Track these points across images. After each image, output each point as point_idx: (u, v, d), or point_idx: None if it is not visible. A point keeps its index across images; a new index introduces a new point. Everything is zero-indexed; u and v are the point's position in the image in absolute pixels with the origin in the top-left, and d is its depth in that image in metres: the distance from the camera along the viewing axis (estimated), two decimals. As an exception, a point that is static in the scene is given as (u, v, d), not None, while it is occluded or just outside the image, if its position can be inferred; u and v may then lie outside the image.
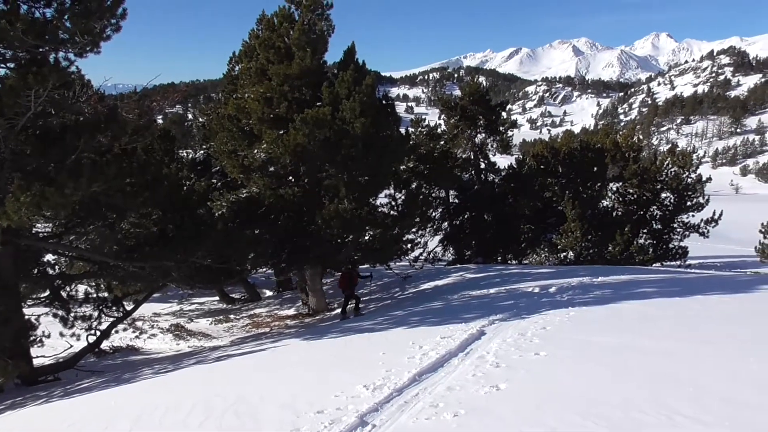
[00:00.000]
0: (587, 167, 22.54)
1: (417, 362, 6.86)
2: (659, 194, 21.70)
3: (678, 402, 4.68)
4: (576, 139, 26.15)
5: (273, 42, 13.32)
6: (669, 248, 21.49)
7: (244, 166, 13.70)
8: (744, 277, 15.08)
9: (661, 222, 21.86)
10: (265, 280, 22.78)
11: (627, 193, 22.21)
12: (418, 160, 21.27)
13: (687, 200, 21.43)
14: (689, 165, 21.54)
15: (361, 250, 15.27)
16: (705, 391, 4.94)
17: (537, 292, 12.04)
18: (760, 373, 5.38)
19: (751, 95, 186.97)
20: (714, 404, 4.60)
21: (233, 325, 16.54)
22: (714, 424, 4.21)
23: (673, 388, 5.08)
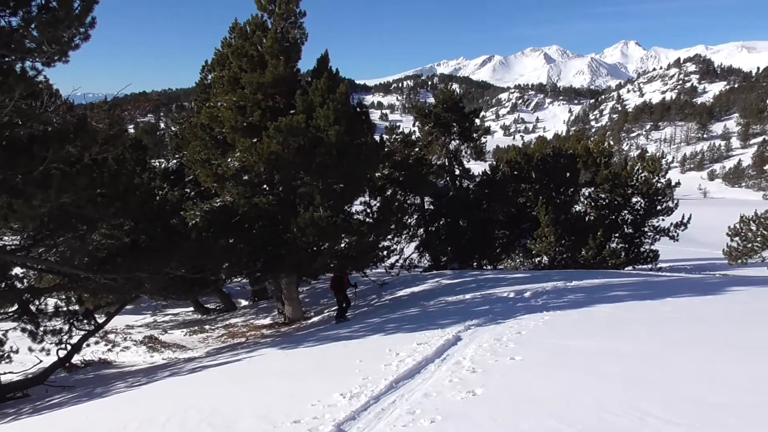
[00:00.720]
0: (560, 173, 22.86)
1: (394, 369, 6.86)
2: (630, 199, 22.10)
3: (650, 404, 4.76)
4: (548, 145, 26.51)
5: (246, 50, 13.26)
6: (640, 252, 21.88)
7: (217, 174, 13.59)
8: (713, 279, 15.41)
9: (632, 226, 22.26)
10: (240, 289, 22.58)
11: (599, 198, 22.56)
12: (393, 167, 21.34)
13: (657, 204, 21.86)
14: (659, 170, 21.99)
15: (336, 257, 15.21)
16: (676, 392, 5.03)
17: (512, 297, 12.14)
18: (729, 374, 5.49)
19: (717, 102, 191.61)
20: (685, 406, 4.68)
21: (208, 335, 16.34)
22: (685, 425, 4.28)
23: (645, 391, 5.16)
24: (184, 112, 28.42)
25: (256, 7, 13.54)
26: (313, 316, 16.01)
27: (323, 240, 13.87)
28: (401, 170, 21.58)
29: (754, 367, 5.64)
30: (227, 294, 20.78)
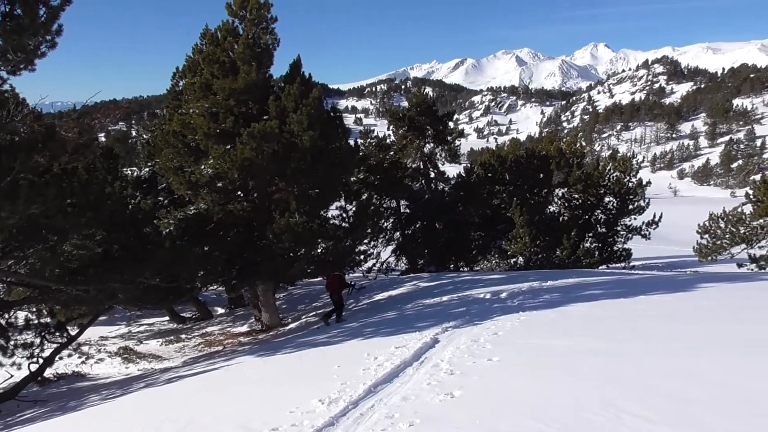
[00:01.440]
0: (533, 174, 23.10)
1: (372, 373, 6.86)
2: (603, 198, 22.43)
3: (626, 401, 4.83)
4: (522, 146, 26.79)
5: (217, 56, 13.17)
6: (614, 251, 22.20)
7: (191, 182, 13.45)
8: (684, 276, 15.70)
9: (605, 225, 22.58)
10: (216, 297, 22.35)
11: (572, 198, 22.85)
12: (368, 171, 21.37)
13: (629, 204, 22.22)
14: (630, 170, 22.37)
15: (313, 263, 15.16)
16: (651, 389, 5.11)
17: (488, 298, 12.23)
18: (703, 370, 5.60)
19: (684, 102, 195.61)
20: (659, 402, 4.77)
21: (185, 345, 16.14)
22: (660, 421, 4.36)
23: (621, 388, 5.24)
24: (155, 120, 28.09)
25: (227, 13, 13.46)
26: (291, 323, 15.92)
27: (299, 246, 13.81)
28: (376, 174, 21.62)
29: (726, 363, 5.76)
30: (203, 302, 20.55)
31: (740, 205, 18.61)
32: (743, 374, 5.34)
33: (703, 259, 19.03)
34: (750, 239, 17.88)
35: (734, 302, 9.85)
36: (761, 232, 17.64)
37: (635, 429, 4.29)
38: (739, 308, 9.14)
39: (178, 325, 19.58)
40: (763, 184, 17.36)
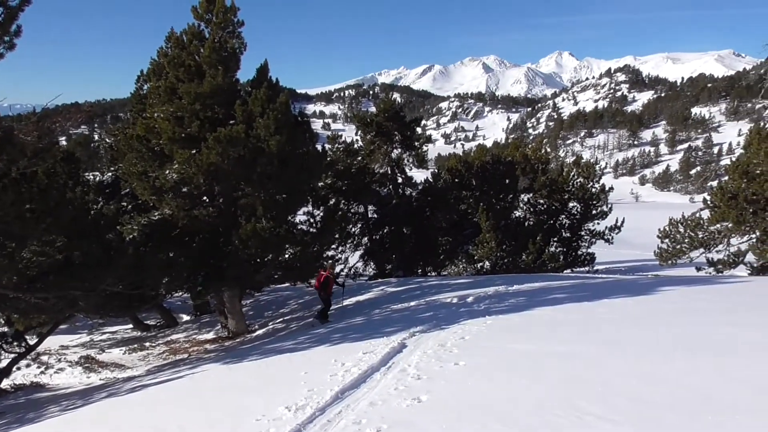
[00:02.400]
0: (499, 179, 23.37)
1: (339, 379, 6.85)
2: (567, 204, 22.82)
3: (588, 403, 4.93)
4: (488, 152, 27.05)
5: (183, 60, 13.01)
6: (578, 255, 22.59)
7: (155, 187, 13.22)
8: (645, 280, 16.07)
9: (569, 230, 22.97)
10: (181, 304, 22.00)
11: (537, 203, 23.19)
12: (336, 177, 21.34)
13: (592, 209, 22.66)
14: (593, 175, 22.82)
15: (281, 268, 15.05)
16: (613, 390, 5.22)
17: (455, 303, 12.32)
18: (662, 371, 5.74)
19: (645, 110, 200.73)
20: (621, 403, 4.87)
21: (149, 353, 15.84)
22: (622, 422, 4.46)
23: (583, 390, 5.34)
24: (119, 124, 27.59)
25: (193, 16, 13.31)
26: (258, 329, 15.77)
27: (266, 251, 13.70)
28: (344, 179, 21.60)
29: (684, 364, 5.92)
30: (168, 309, 20.21)
31: (698, 210, 19.08)
32: (702, 375, 5.49)
33: (664, 263, 19.47)
34: (708, 243, 18.37)
35: (693, 305, 10.11)
36: (718, 237, 18.15)
37: (598, 430, 4.38)
38: (697, 311, 9.40)
39: (142, 333, 19.20)
40: (720, 190, 17.85)
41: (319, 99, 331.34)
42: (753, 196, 16.70)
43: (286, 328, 14.63)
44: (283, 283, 17.74)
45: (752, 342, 6.60)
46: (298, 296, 19.55)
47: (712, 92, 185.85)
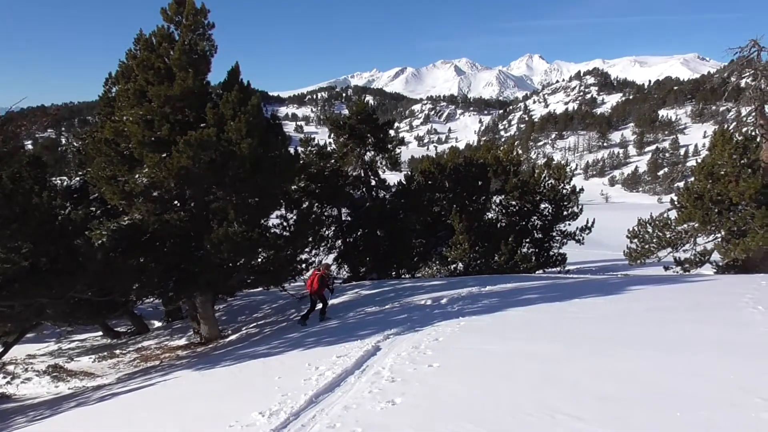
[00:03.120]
0: (472, 181, 23.52)
1: (313, 384, 6.83)
2: (539, 205, 23.07)
3: (559, 402, 5.00)
4: (460, 155, 27.22)
5: (152, 62, 12.83)
6: (549, 256, 22.85)
7: (125, 191, 13.01)
8: (615, 279, 16.35)
9: (541, 231, 23.22)
10: (152, 310, 21.64)
11: (509, 204, 23.40)
12: (309, 179, 21.25)
13: (563, 210, 22.95)
14: (564, 177, 23.12)
15: (253, 272, 14.94)
16: (583, 389, 5.31)
17: (429, 305, 12.37)
18: (631, 369, 5.86)
19: (614, 112, 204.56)
20: (591, 401, 4.96)
21: (119, 360, 15.56)
22: (591, 420, 4.54)
23: (555, 389, 5.41)
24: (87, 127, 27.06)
25: (162, 18, 13.15)
26: (231, 335, 15.62)
27: (238, 255, 13.58)
28: (317, 182, 21.51)
29: (651, 362, 6.04)
30: (139, 316, 19.88)
31: (666, 210, 19.48)
32: (668, 372, 5.61)
33: (633, 263, 19.82)
34: (675, 243, 18.76)
35: (661, 304, 10.32)
36: (685, 237, 18.55)
37: (569, 428, 4.44)
38: (665, 310, 9.59)
39: (112, 341, 18.84)
40: (686, 191, 18.26)
41: (291, 101, 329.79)
42: (718, 197, 17.12)
43: (259, 333, 14.52)
44: (256, 288, 17.61)
45: (716, 339, 6.77)
46: (271, 300, 19.41)
47: (678, 95, 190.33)
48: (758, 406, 4.45)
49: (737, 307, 8.63)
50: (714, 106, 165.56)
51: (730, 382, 5.10)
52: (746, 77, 18.17)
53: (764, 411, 4.35)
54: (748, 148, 17.28)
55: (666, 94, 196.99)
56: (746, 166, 16.90)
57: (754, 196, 16.28)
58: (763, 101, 17.68)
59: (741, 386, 4.93)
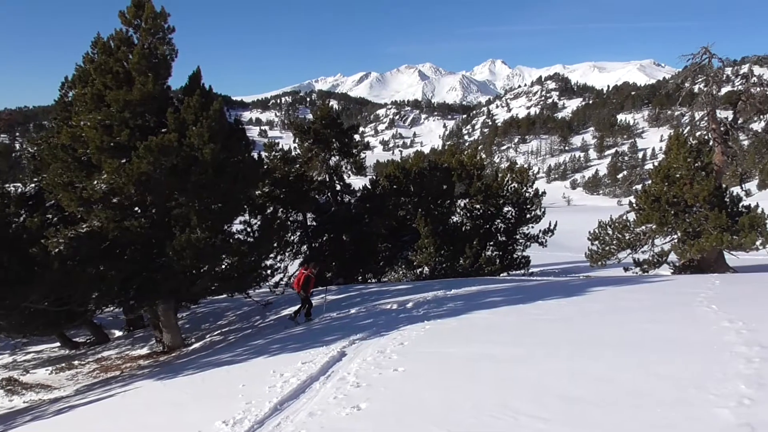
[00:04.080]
0: (437, 185, 23.68)
1: (278, 391, 6.77)
2: (502, 208, 23.36)
3: (522, 403, 5.07)
4: (425, 159, 27.41)
5: (110, 66, 12.56)
6: (513, 258, 23.14)
7: (83, 198, 12.68)
8: (577, 281, 16.65)
9: (505, 234, 23.51)
10: (113, 319, 21.13)
11: (474, 208, 23.63)
12: (274, 185, 21.10)
13: (526, 213, 23.29)
14: (527, 180, 23.47)
15: (217, 279, 14.72)
16: (544, 390, 5.39)
17: (395, 309, 12.40)
18: (590, 369, 5.98)
19: (575, 117, 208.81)
20: (552, 402, 5.04)
21: (78, 372, 15.12)
22: (552, 420, 4.61)
23: (517, 390, 5.49)
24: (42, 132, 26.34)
25: (120, 21, 12.88)
26: (194, 343, 15.36)
27: (202, 262, 13.37)
28: (282, 187, 21.38)
29: (610, 362, 6.18)
30: (98, 325, 19.38)
31: (625, 213, 19.98)
32: (627, 371, 5.75)
33: (594, 264, 20.24)
34: (634, 245, 19.24)
35: (621, 304, 10.55)
36: (643, 238, 19.04)
37: (530, 429, 4.51)
38: (624, 310, 9.82)
39: (70, 351, 18.31)
40: (644, 193, 18.75)
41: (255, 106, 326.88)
42: (674, 199, 17.63)
43: (224, 341, 14.33)
44: (220, 295, 17.35)
45: (672, 338, 6.96)
46: (236, 307, 19.17)
47: (635, 100, 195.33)
48: (712, 403, 4.59)
49: (692, 306, 8.89)
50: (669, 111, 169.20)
51: (684, 379, 5.25)
52: (699, 83, 18.78)
53: (717, 407, 4.49)
54: (702, 151, 17.86)
55: (624, 99, 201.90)
56: (700, 169, 17.45)
57: (708, 198, 16.82)
58: (715, 106, 18.31)
59: (695, 384, 5.08)
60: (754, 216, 16.69)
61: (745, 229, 16.28)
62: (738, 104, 18.57)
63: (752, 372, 5.17)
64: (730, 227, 16.41)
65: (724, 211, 16.60)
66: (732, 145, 18.64)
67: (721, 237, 16.31)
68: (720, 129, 18.37)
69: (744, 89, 18.52)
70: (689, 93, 19.64)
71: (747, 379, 5.00)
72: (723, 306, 8.54)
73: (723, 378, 5.13)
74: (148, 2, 12.79)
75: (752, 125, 20.84)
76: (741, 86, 18.91)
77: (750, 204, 17.86)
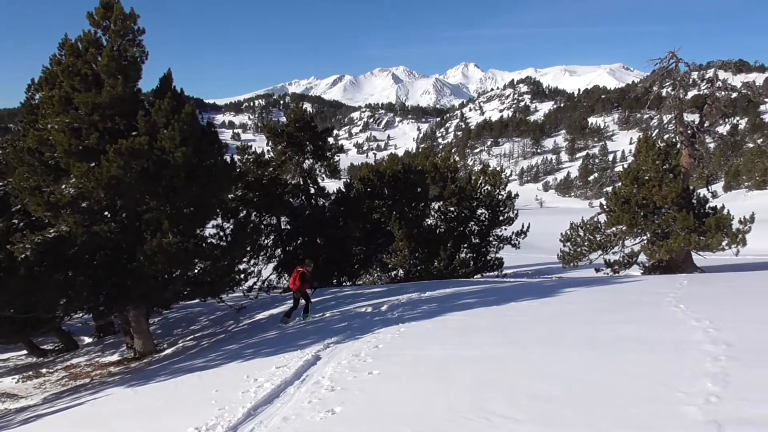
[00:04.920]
0: (411, 188, 23.74)
1: (252, 396, 6.72)
2: (476, 211, 23.54)
3: (496, 404, 5.11)
4: (399, 162, 27.42)
5: (78, 69, 12.32)
6: (487, 260, 23.32)
7: (50, 203, 12.40)
8: (550, 282, 16.84)
9: (479, 236, 23.69)
10: (82, 326, 20.74)
11: (448, 211, 23.75)
12: (247, 188, 20.95)
13: (500, 215, 23.50)
14: (500, 183, 23.69)
15: (190, 284, 14.55)
16: (517, 390, 5.45)
17: (370, 312, 12.40)
18: (562, 369, 6.05)
19: (547, 120, 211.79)
20: (525, 402, 5.09)
21: (46, 380, 14.78)
22: (525, 420, 4.66)
23: (491, 391, 5.53)
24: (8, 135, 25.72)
25: (89, 23, 12.65)
26: (167, 348, 15.15)
27: (173, 267, 13.20)
28: (255, 191, 21.24)
29: (582, 362, 6.26)
30: (67, 332, 18.97)
31: (596, 214, 20.30)
32: (598, 371, 5.83)
33: (566, 266, 20.52)
34: (605, 246, 19.56)
35: (593, 305, 10.72)
36: (614, 239, 19.36)
37: (504, 429, 4.54)
38: (596, 311, 9.97)
39: (37, 359, 17.89)
40: (614, 195, 19.08)
41: (228, 109, 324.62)
42: (643, 201, 17.96)
43: (196, 346, 14.15)
44: (193, 299, 17.15)
45: (642, 338, 7.09)
46: (209, 312, 18.95)
47: (605, 103, 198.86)
48: (680, 400, 4.69)
49: (661, 306, 9.06)
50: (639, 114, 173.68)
51: (653, 378, 5.35)
52: (666, 87, 19.18)
53: (685, 405, 4.58)
54: (670, 154, 18.24)
55: (594, 103, 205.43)
56: (668, 171, 17.82)
57: (676, 200, 17.17)
58: (682, 110, 18.71)
59: (664, 382, 5.18)
60: (720, 217, 17.09)
61: (712, 230, 16.65)
62: (704, 108, 19.00)
63: (719, 370, 5.29)
64: (697, 228, 16.78)
65: (691, 213, 16.97)
66: (699, 148, 19.06)
67: (688, 238, 16.67)
68: (687, 132, 18.77)
69: (709, 93, 18.96)
70: (657, 96, 20.04)
71: (714, 377, 5.12)
72: (691, 305, 8.73)
73: (691, 376, 5.24)
74: (117, 3, 12.61)
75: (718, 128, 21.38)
76: (707, 90, 19.35)
77: (716, 205, 18.30)
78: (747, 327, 7.03)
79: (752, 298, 9.98)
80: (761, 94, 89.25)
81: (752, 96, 22.06)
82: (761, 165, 63.64)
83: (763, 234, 20.75)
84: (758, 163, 65.62)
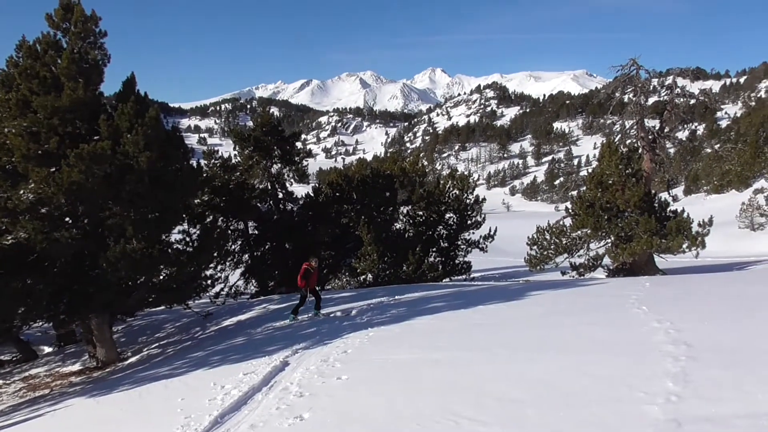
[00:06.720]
0: (379, 193, 23.76)
1: (219, 403, 6.62)
2: (444, 215, 23.65)
3: (462, 407, 5.14)
4: (368, 166, 27.42)
5: (36, 71, 12.00)
6: (455, 264, 23.45)
7: (8, 209, 12.02)
8: (517, 285, 17.01)
9: (447, 240, 23.80)
10: (41, 335, 20.15)
11: (416, 215, 23.83)
12: (213, 193, 20.69)
13: (467, 219, 23.66)
14: (467, 187, 23.87)
15: (155, 291, 14.27)
16: (484, 393, 5.48)
17: (339, 317, 12.37)
18: (527, 372, 6.12)
19: (513, 125, 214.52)
20: (491, 405, 5.13)
21: (2, 391, 14.31)
22: (492, 423, 4.70)
23: (459, 395, 5.55)
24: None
25: (48, 24, 12.34)
26: (131, 357, 14.82)
27: (138, 273, 12.94)
28: (222, 196, 20.99)
29: (547, 364, 6.34)
30: (25, 341, 18.41)
31: (561, 218, 20.60)
32: (562, 372, 5.91)
33: (533, 269, 20.77)
34: (571, 249, 19.87)
35: (558, 308, 10.86)
36: (579, 242, 19.69)
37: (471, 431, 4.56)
38: (561, 313, 10.11)
39: (-6, 370, 17.33)
40: (579, 199, 19.42)
41: (193, 113, 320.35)
42: (607, 205, 18.32)
43: (162, 354, 13.88)
44: (158, 306, 16.86)
45: (605, 339, 7.22)
46: (175, 319, 18.63)
47: (570, 108, 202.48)
48: (641, 400, 4.78)
49: (625, 308, 9.23)
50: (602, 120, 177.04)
51: (616, 379, 5.45)
52: (628, 93, 19.61)
53: (646, 404, 4.67)
54: (632, 158, 18.65)
55: (559, 108, 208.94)
56: (631, 176, 18.21)
57: (638, 204, 17.56)
58: (643, 115, 19.16)
59: (626, 382, 5.28)
60: (681, 220, 17.54)
61: (673, 233, 17.07)
62: (664, 114, 19.50)
63: (679, 370, 5.41)
64: (658, 231, 17.18)
65: (653, 216, 17.37)
66: (659, 153, 19.53)
67: (650, 241, 17.05)
68: (648, 137, 19.23)
69: (669, 99, 19.46)
70: (619, 102, 20.49)
71: (674, 376, 5.23)
72: (653, 307, 8.91)
73: (652, 376, 5.35)
74: (78, 5, 12.35)
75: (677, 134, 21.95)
76: (666, 97, 19.86)
77: (677, 209, 18.77)
78: (706, 327, 7.21)
79: (711, 299, 10.24)
80: (717, 101, 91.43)
81: (709, 103, 22.76)
82: (719, 170, 65.54)
83: (720, 237, 21.37)
84: (716, 168, 67.56)
